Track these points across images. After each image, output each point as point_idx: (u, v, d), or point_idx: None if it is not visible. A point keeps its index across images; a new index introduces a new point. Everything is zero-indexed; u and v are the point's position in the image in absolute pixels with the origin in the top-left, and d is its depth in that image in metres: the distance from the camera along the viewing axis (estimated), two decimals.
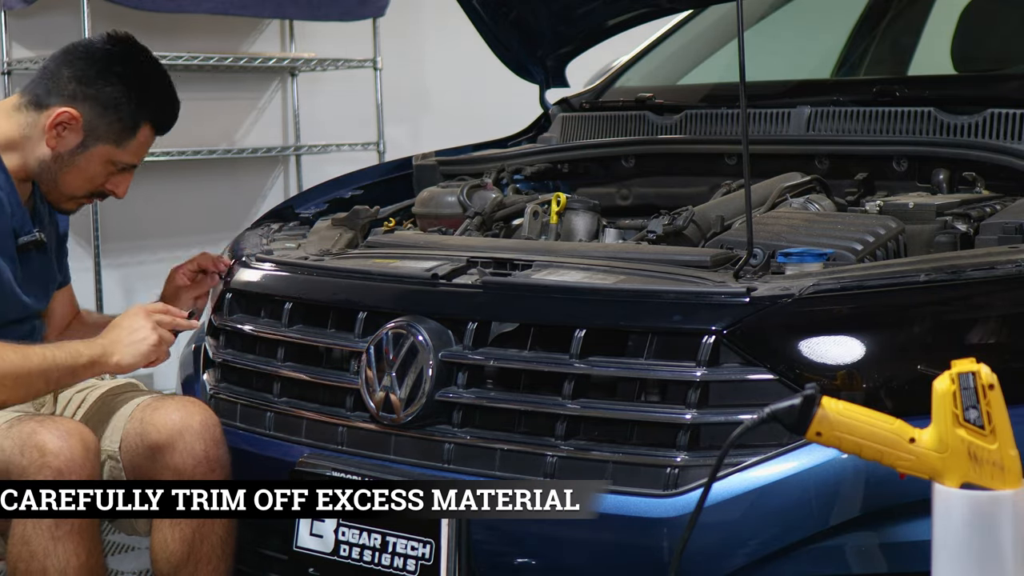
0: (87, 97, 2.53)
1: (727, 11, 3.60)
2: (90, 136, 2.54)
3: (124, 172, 2.62)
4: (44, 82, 2.55)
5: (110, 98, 2.53)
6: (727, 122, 3.08)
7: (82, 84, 2.53)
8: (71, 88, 2.53)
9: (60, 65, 2.56)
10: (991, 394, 1.73)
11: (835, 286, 2.08)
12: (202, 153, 4.93)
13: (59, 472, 2.21)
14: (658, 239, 2.53)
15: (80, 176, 2.57)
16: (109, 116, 2.54)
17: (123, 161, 2.59)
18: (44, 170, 2.55)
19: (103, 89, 2.53)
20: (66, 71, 2.54)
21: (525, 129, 3.56)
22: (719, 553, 1.98)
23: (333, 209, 3.08)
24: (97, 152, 2.55)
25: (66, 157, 2.54)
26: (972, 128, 2.73)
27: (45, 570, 2.23)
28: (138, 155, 2.61)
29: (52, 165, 2.54)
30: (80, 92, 2.53)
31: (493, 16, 3.31)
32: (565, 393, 2.13)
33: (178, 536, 2.40)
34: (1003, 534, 1.70)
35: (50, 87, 2.54)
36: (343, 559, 2.28)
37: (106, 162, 2.57)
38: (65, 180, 2.56)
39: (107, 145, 2.55)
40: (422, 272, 2.36)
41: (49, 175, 2.55)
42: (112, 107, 2.53)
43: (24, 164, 2.54)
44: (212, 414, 2.43)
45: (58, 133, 2.52)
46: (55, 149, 2.53)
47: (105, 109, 2.53)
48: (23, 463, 2.22)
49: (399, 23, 5.55)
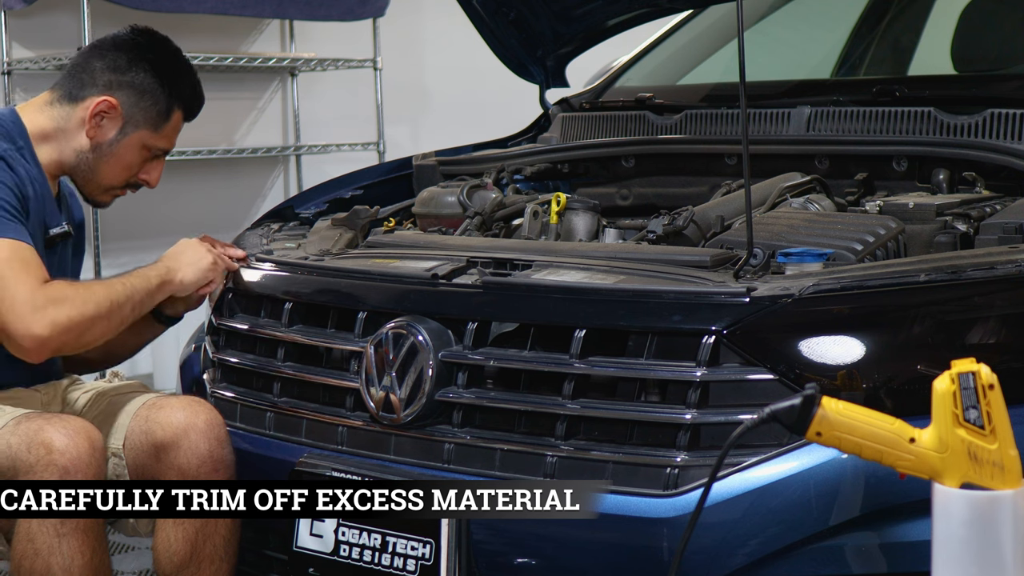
0: (123, 85, 2.59)
1: (727, 11, 3.60)
2: (128, 123, 2.60)
3: (156, 160, 2.69)
4: (75, 77, 2.61)
5: (145, 84, 2.60)
6: (727, 122, 3.08)
7: (116, 73, 2.59)
8: (106, 78, 2.59)
9: (90, 59, 2.62)
10: (991, 394, 1.73)
11: (835, 286, 2.08)
12: (202, 153, 4.93)
13: (65, 470, 2.22)
14: (658, 239, 2.53)
15: (118, 164, 2.62)
16: (145, 102, 2.60)
17: (158, 146, 2.66)
18: (82, 161, 2.60)
19: (137, 76, 2.60)
20: (98, 63, 2.60)
21: (525, 129, 3.56)
22: (719, 553, 1.98)
23: (333, 209, 3.08)
24: (135, 138, 2.61)
25: (105, 146, 2.60)
26: (972, 128, 2.73)
27: (49, 567, 2.23)
28: (171, 140, 2.68)
29: (91, 156, 2.60)
30: (115, 81, 2.59)
31: (493, 16, 3.31)
32: (565, 393, 2.13)
33: (181, 536, 2.40)
34: (1003, 534, 1.70)
35: (84, 80, 2.60)
36: (343, 559, 2.28)
37: (142, 148, 2.63)
38: (104, 170, 2.62)
39: (144, 130, 2.62)
40: (422, 272, 2.36)
41: (87, 166, 2.60)
42: (148, 92, 2.60)
43: (59, 158, 2.59)
44: (217, 414, 2.44)
45: (97, 123, 2.58)
46: (94, 139, 2.58)
47: (141, 95, 2.60)
48: (30, 460, 2.23)
49: (399, 23, 5.55)
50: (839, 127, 2.92)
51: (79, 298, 2.38)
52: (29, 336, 2.33)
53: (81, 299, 2.38)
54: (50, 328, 2.34)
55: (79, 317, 2.37)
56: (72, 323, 2.36)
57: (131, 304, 2.47)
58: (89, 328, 2.40)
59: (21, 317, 2.32)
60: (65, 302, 2.36)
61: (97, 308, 2.40)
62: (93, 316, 2.39)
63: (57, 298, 2.35)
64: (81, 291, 2.40)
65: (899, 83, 3.00)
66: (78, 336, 2.39)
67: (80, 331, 2.38)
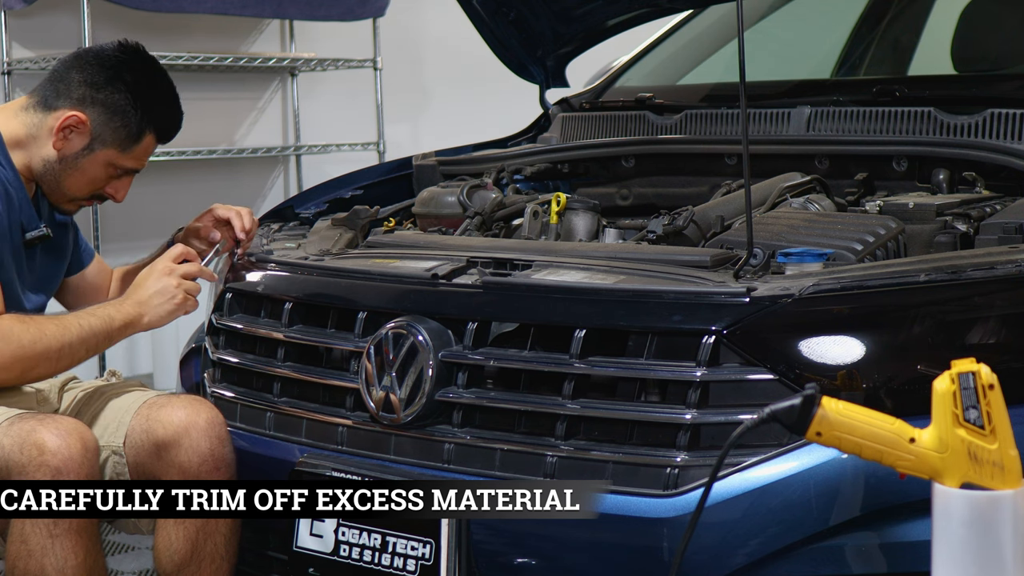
0: (96, 102, 2.56)
1: (727, 11, 3.60)
2: (96, 140, 2.57)
3: (125, 176, 2.65)
4: (53, 84, 2.58)
5: (118, 105, 2.56)
6: (727, 122, 3.08)
7: (92, 88, 2.56)
8: (80, 92, 2.56)
9: (70, 69, 2.59)
10: (991, 394, 1.73)
11: (835, 286, 2.08)
12: (202, 153, 4.93)
13: (57, 471, 2.22)
14: (658, 239, 2.53)
15: (82, 178, 2.60)
16: (115, 122, 2.57)
17: (125, 166, 2.62)
18: (48, 171, 2.58)
19: (112, 95, 2.56)
20: (76, 75, 2.57)
21: (525, 129, 3.56)
22: (719, 553, 1.98)
23: (333, 209, 3.08)
24: (101, 156, 2.58)
25: (70, 159, 2.57)
26: (972, 128, 2.73)
27: (43, 568, 2.24)
28: (140, 161, 2.64)
29: (56, 166, 2.57)
30: (89, 96, 2.55)
31: (493, 16, 3.31)
32: (565, 393, 2.13)
33: (182, 535, 2.40)
34: (1003, 534, 1.70)
35: (59, 89, 2.57)
36: (343, 559, 2.28)
37: (108, 165, 2.60)
38: (68, 182, 2.59)
39: (111, 149, 2.58)
40: (422, 272, 2.36)
41: (52, 176, 2.58)
42: (119, 114, 2.56)
43: (28, 163, 2.58)
44: (218, 413, 2.44)
45: (65, 136, 2.55)
46: (60, 151, 2.56)
47: (112, 115, 2.56)
48: (22, 461, 2.23)
49: (399, 23, 5.55)
50: (839, 127, 2.92)
51: (27, 337, 2.37)
52: None
53: (29, 338, 2.37)
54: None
55: (22, 356, 2.37)
56: (15, 362, 2.37)
57: (85, 347, 2.45)
58: (33, 368, 2.40)
59: None
60: (11, 341, 2.36)
61: (45, 348, 2.39)
62: (39, 356, 2.39)
63: (2, 336, 2.35)
64: (32, 330, 2.38)
65: (899, 83, 3.00)
66: (21, 373, 2.40)
67: (22, 369, 2.39)
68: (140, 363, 4.96)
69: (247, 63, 5.01)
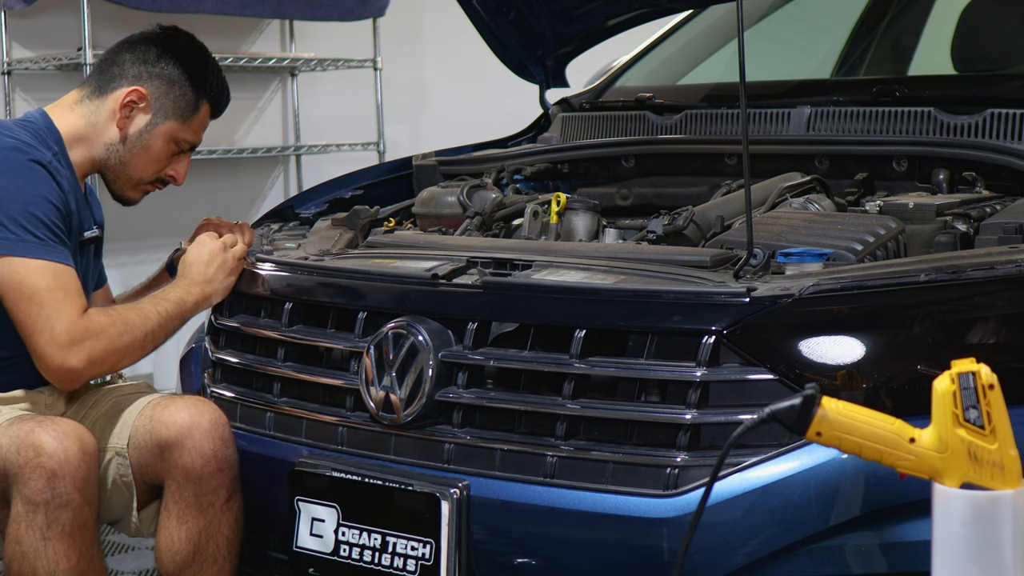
0: (152, 76, 2.62)
1: (727, 11, 3.60)
2: (158, 114, 2.62)
3: (183, 155, 2.71)
4: (105, 71, 2.64)
5: (173, 76, 2.63)
6: (727, 122, 3.08)
7: (146, 64, 2.62)
8: (135, 70, 2.62)
9: (119, 53, 2.65)
10: (991, 394, 1.73)
11: (835, 286, 2.08)
12: (202, 153, 4.93)
13: (52, 473, 2.22)
14: (658, 239, 2.53)
15: (147, 156, 2.64)
16: (175, 92, 2.63)
17: (186, 139, 2.68)
18: (112, 154, 2.62)
19: (166, 67, 2.63)
20: (128, 55, 2.63)
21: (525, 129, 3.56)
22: (719, 553, 1.98)
23: (333, 209, 3.09)
24: (163, 130, 2.63)
25: (134, 138, 2.62)
26: (972, 128, 2.73)
27: (35, 571, 2.24)
28: (198, 134, 2.71)
29: (120, 148, 2.61)
30: (145, 72, 2.61)
31: (493, 16, 3.31)
32: (565, 393, 2.13)
33: (184, 535, 2.40)
34: (1003, 534, 1.70)
35: (114, 73, 2.62)
36: (343, 559, 2.28)
37: (170, 140, 2.65)
38: (133, 162, 2.64)
39: (173, 122, 2.64)
40: (422, 272, 2.36)
41: (117, 159, 2.62)
42: (177, 84, 2.63)
43: (91, 155, 2.61)
44: (221, 414, 2.44)
45: (127, 114, 2.60)
46: (123, 130, 2.61)
47: (170, 86, 2.63)
48: (19, 462, 2.24)
49: (399, 23, 5.55)
50: (839, 127, 2.92)
51: (115, 330, 2.43)
52: (63, 369, 2.39)
53: (117, 331, 2.43)
54: (85, 362, 2.40)
55: (113, 350, 2.43)
56: (107, 356, 2.42)
57: (164, 332, 2.53)
58: (122, 359, 2.46)
59: (57, 351, 2.37)
60: (101, 336, 2.41)
61: (132, 340, 2.45)
62: (127, 347, 2.45)
63: (94, 332, 2.40)
64: (118, 322, 2.44)
65: (899, 83, 3.00)
66: (112, 366, 2.46)
67: (113, 362, 2.45)
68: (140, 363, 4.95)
69: (247, 63, 5.01)
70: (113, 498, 2.49)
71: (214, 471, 2.39)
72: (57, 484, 2.23)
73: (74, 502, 2.24)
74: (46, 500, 2.22)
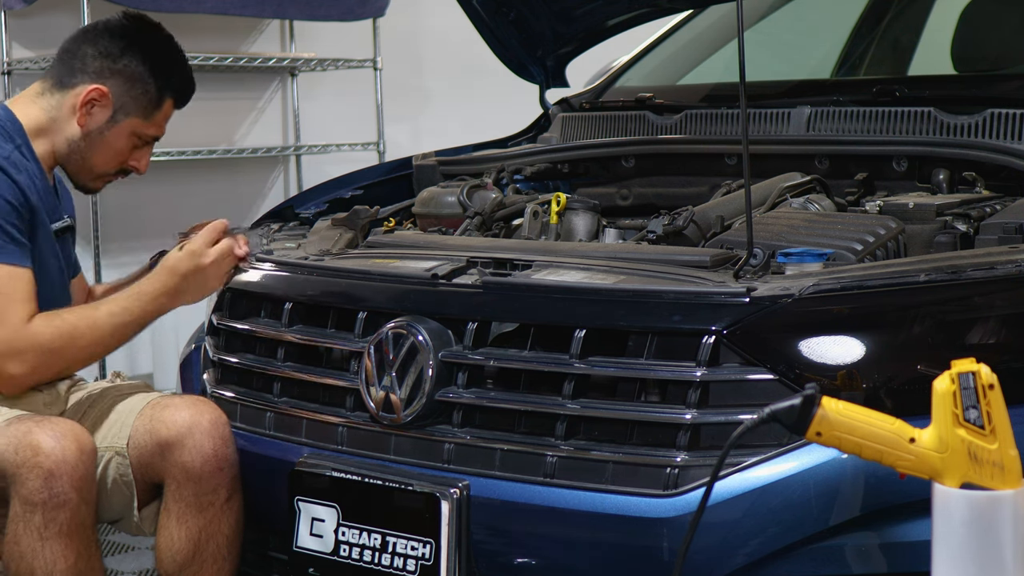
0: (114, 73, 2.59)
1: (727, 11, 3.60)
2: (119, 111, 2.60)
3: (144, 147, 2.69)
4: (66, 63, 2.61)
5: (136, 73, 2.60)
6: (727, 122, 3.08)
7: (108, 60, 2.59)
8: (97, 65, 2.59)
9: (81, 44, 2.61)
10: (991, 394, 1.73)
11: (835, 286, 2.08)
12: (202, 153, 4.93)
13: (50, 472, 2.22)
14: (658, 239, 2.53)
15: (108, 152, 2.62)
16: (136, 90, 2.61)
17: (148, 134, 2.66)
18: (74, 150, 2.60)
19: (129, 65, 2.60)
20: (90, 49, 2.60)
21: (525, 129, 3.56)
22: (719, 553, 1.98)
23: (333, 209, 3.09)
24: (125, 126, 2.62)
25: (95, 134, 2.60)
26: (972, 128, 2.73)
27: (33, 570, 2.24)
28: (161, 128, 2.69)
29: (82, 144, 2.60)
30: (107, 68, 2.59)
31: (493, 16, 3.31)
32: (565, 393, 2.13)
33: (184, 535, 2.40)
34: (1003, 534, 1.70)
35: (74, 67, 2.60)
36: (343, 559, 2.28)
37: (132, 135, 2.64)
38: (95, 157, 2.62)
39: (134, 118, 2.62)
40: (422, 272, 2.36)
41: (78, 154, 2.61)
42: (139, 82, 2.61)
43: (52, 148, 2.60)
44: (221, 413, 2.44)
45: (88, 111, 2.58)
46: (84, 127, 2.59)
47: (132, 84, 2.60)
48: (16, 461, 2.24)
49: (399, 23, 5.55)
50: (839, 127, 2.92)
51: (60, 342, 2.40)
52: (3, 376, 2.39)
53: (62, 342, 2.41)
54: (25, 371, 2.39)
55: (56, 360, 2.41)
56: (50, 366, 2.41)
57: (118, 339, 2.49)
58: (67, 367, 2.45)
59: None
60: (45, 347, 2.39)
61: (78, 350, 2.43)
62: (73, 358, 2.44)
63: (37, 343, 2.38)
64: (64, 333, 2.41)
65: (899, 83, 3.00)
66: (56, 374, 2.46)
67: (58, 370, 2.45)
68: (140, 363, 4.96)
69: (247, 63, 5.01)
70: (113, 497, 2.49)
71: (214, 470, 2.39)
72: (55, 484, 2.23)
73: (71, 502, 2.24)
74: (44, 500, 2.22)
